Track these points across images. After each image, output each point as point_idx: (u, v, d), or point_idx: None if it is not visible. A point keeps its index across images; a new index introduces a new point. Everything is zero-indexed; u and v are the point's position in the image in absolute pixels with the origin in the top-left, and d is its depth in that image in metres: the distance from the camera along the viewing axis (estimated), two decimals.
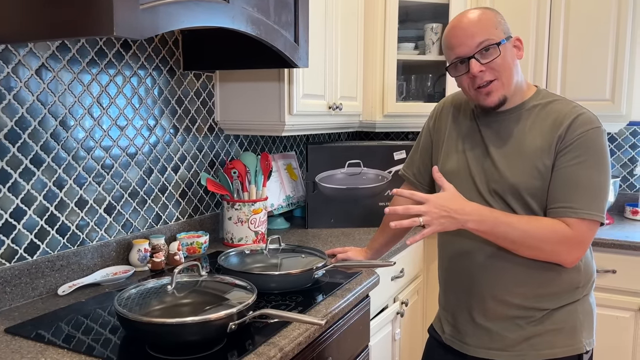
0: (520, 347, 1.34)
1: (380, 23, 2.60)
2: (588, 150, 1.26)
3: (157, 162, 1.89)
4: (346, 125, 2.55)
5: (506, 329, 1.35)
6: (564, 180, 1.26)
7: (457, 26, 1.32)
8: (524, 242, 1.26)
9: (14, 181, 1.43)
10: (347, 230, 2.35)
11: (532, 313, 1.33)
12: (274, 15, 1.57)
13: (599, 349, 2.32)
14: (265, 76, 2.03)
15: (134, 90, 1.78)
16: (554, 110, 1.32)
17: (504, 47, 1.30)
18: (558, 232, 1.24)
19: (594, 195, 1.25)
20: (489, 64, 1.29)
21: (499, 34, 1.30)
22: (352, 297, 1.54)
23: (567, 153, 1.26)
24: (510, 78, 1.32)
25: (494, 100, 1.32)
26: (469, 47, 1.29)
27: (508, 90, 1.32)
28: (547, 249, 1.26)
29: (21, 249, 1.46)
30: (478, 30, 1.29)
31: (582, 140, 1.26)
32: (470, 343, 1.40)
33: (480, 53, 1.29)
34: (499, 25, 1.32)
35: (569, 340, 1.33)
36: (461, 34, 1.30)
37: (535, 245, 1.26)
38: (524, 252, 1.29)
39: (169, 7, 1.13)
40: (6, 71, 1.39)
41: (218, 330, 1.14)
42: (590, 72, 2.50)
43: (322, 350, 1.41)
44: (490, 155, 1.36)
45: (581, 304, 1.35)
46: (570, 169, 1.26)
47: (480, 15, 1.32)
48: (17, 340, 1.22)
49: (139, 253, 1.72)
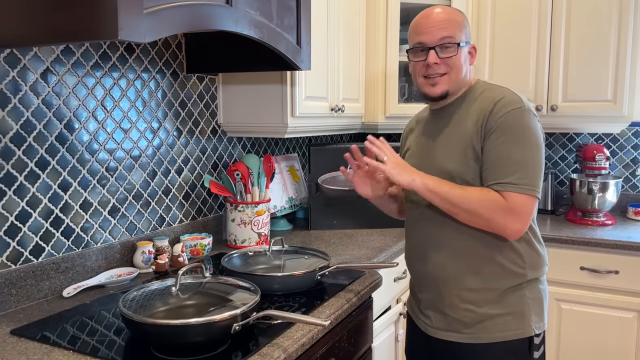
0: (474, 330, 1.43)
1: (382, 25, 2.60)
2: (510, 129, 1.34)
3: (161, 165, 1.91)
4: (348, 126, 2.56)
5: (461, 313, 1.44)
6: (492, 161, 1.35)
7: (429, 16, 1.44)
8: (462, 205, 1.34)
9: (20, 184, 1.44)
10: (349, 232, 2.36)
11: (483, 295, 1.42)
12: (276, 18, 1.58)
13: (601, 349, 2.32)
14: (268, 78, 2.04)
15: (138, 93, 1.79)
16: (483, 97, 1.43)
17: (462, 49, 1.43)
18: (493, 200, 1.33)
19: (519, 170, 1.33)
20: (445, 59, 1.42)
21: (462, 36, 1.43)
22: (355, 298, 1.55)
23: (491, 135, 1.36)
24: (458, 76, 1.44)
25: (436, 92, 1.45)
26: (433, 37, 1.42)
27: (452, 86, 1.45)
28: (485, 215, 1.34)
29: (26, 251, 1.47)
30: (445, 26, 1.41)
31: (503, 120, 1.35)
32: (431, 325, 1.50)
33: (441, 47, 1.41)
34: (464, 29, 1.45)
35: (519, 324, 1.41)
36: (430, 24, 1.43)
37: (473, 209, 1.34)
38: (464, 217, 1.37)
39: (172, 10, 1.14)
40: (12, 75, 1.40)
41: (222, 332, 1.15)
42: (592, 73, 2.51)
43: (325, 351, 1.42)
44: (433, 148, 1.48)
45: (530, 291, 1.43)
46: (495, 150, 1.35)
47: (451, 14, 1.44)
48: (23, 341, 1.23)
49: (143, 255, 1.73)
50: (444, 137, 1.46)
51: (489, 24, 2.69)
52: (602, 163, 2.56)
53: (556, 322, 2.40)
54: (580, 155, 2.64)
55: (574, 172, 2.93)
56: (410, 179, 1.37)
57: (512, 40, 2.65)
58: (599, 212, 2.57)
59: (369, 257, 1.96)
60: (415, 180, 1.37)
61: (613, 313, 2.30)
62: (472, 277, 1.42)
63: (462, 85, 1.47)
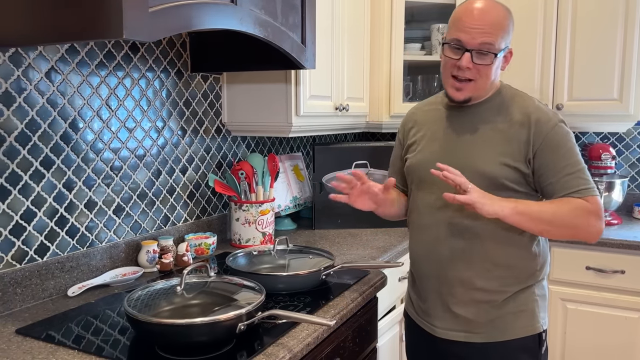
0: (486, 329, 1.42)
1: (387, 24, 2.60)
2: (563, 142, 1.36)
3: (165, 164, 1.90)
4: (353, 126, 2.55)
5: (472, 313, 1.42)
6: (560, 172, 1.35)
7: (476, 14, 1.33)
8: (556, 221, 1.32)
9: (24, 183, 1.44)
10: (354, 231, 2.36)
11: (496, 297, 1.41)
12: (281, 17, 1.58)
13: (607, 349, 2.31)
14: (272, 77, 2.03)
15: (142, 92, 1.79)
16: (516, 106, 1.40)
17: (498, 59, 1.36)
18: (582, 207, 1.33)
19: (585, 176, 1.36)
20: (478, 65, 1.34)
21: (502, 43, 1.35)
22: (360, 298, 1.54)
23: (545, 150, 1.36)
24: (485, 85, 1.39)
25: (459, 97, 1.40)
26: (473, 40, 1.33)
27: (476, 93, 1.40)
28: (580, 224, 1.33)
29: (31, 251, 1.47)
30: (491, 31, 1.32)
31: (553, 135, 1.36)
32: (439, 326, 1.47)
33: (478, 52, 1.33)
34: (507, 35, 1.36)
35: (530, 321, 1.42)
36: (474, 24, 1.32)
37: (567, 221, 1.32)
38: (556, 232, 1.36)
39: (177, 9, 1.14)
40: (16, 74, 1.40)
41: (227, 331, 1.15)
42: (598, 71, 2.49)
43: (330, 351, 1.41)
44: (462, 147, 1.42)
45: (538, 288, 1.45)
46: (559, 162, 1.35)
47: (499, 16, 1.34)
48: (28, 341, 1.23)
49: (148, 254, 1.73)
50: (475, 139, 1.40)
51: None
52: (608, 162, 2.55)
53: (562, 322, 2.39)
54: (586, 154, 2.63)
55: None
56: (499, 208, 1.29)
57: (517, 39, 2.63)
58: (605, 211, 2.56)
59: (374, 256, 1.95)
60: (504, 210, 1.29)
61: (619, 313, 2.29)
62: (487, 280, 1.40)
63: (489, 89, 1.42)
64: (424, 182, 1.47)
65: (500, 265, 1.40)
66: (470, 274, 1.41)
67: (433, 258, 1.46)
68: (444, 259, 1.44)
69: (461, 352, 1.45)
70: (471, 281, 1.41)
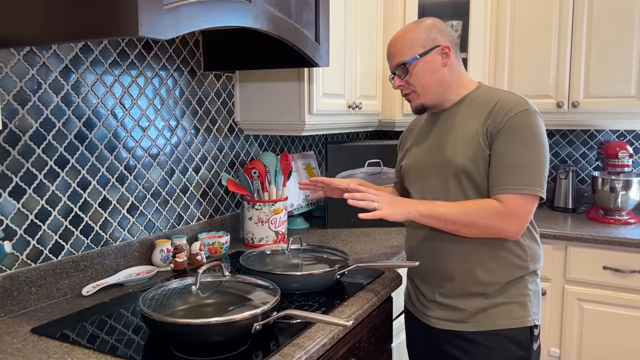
0: (477, 318, 1.46)
1: (400, 21, 2.58)
2: (517, 131, 1.36)
3: (179, 163, 1.90)
4: (365, 124, 2.53)
5: (465, 303, 1.47)
6: (496, 163, 1.38)
7: (388, 46, 1.53)
8: (461, 221, 1.38)
9: (39, 182, 1.44)
10: (367, 230, 2.34)
11: (486, 288, 1.45)
12: (295, 14, 1.57)
13: (624, 351, 2.27)
14: (285, 76, 2.02)
15: (156, 91, 1.78)
16: (486, 98, 1.46)
17: (415, 64, 1.46)
18: (489, 208, 1.37)
19: (524, 172, 1.35)
20: (405, 79, 1.49)
21: (409, 53, 1.47)
22: (375, 298, 1.53)
23: (499, 138, 1.38)
24: (427, 89, 1.48)
25: (413, 107, 1.54)
26: (391, 64, 1.52)
27: (426, 99, 1.50)
28: (482, 224, 1.37)
29: (46, 250, 1.48)
30: (395, 52, 1.49)
31: (511, 122, 1.37)
32: (433, 316, 1.53)
33: (398, 72, 1.50)
34: (414, 44, 1.46)
35: (522, 313, 1.46)
36: (388, 53, 1.53)
37: (472, 221, 1.38)
38: (465, 231, 1.40)
39: (192, 7, 1.13)
40: (31, 73, 1.40)
41: (243, 331, 1.14)
42: (615, 68, 2.45)
43: (345, 351, 1.40)
44: (440, 145, 1.50)
45: (531, 283, 1.49)
46: (500, 152, 1.37)
47: (403, 34, 1.49)
48: (44, 340, 1.23)
49: (162, 253, 1.73)
50: (450, 136, 1.48)
51: (509, 19, 2.65)
52: (625, 160, 2.51)
53: (578, 323, 2.36)
54: (603, 152, 2.59)
55: (596, 170, 2.88)
56: (406, 212, 1.39)
57: (533, 36, 2.60)
58: (622, 210, 2.52)
59: (388, 255, 1.93)
60: (410, 212, 1.39)
61: (637, 314, 2.25)
62: (479, 271, 1.45)
63: (449, 88, 1.49)
64: (411, 183, 1.59)
65: (488, 258, 1.44)
66: (460, 267, 1.46)
67: (424, 252, 1.54)
68: (435, 253, 1.51)
69: (454, 340, 1.50)
70: (461, 273, 1.46)
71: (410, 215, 1.39)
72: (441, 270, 1.50)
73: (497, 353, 1.45)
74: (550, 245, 2.38)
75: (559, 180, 2.83)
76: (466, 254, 1.45)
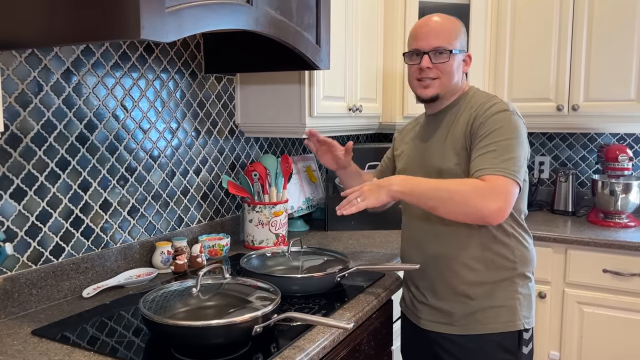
0: (466, 321, 1.48)
1: (401, 24, 2.58)
2: (496, 124, 1.39)
3: (180, 165, 1.90)
4: (366, 127, 2.54)
5: (454, 307, 1.49)
6: (476, 152, 1.40)
7: (427, 24, 1.52)
8: (440, 196, 1.35)
9: (40, 184, 1.45)
10: (367, 233, 2.34)
11: (476, 289, 1.47)
12: (296, 17, 1.57)
13: (624, 354, 2.27)
14: (286, 78, 2.02)
15: (157, 93, 1.79)
16: (473, 102, 1.49)
17: (454, 56, 1.49)
18: (470, 183, 1.35)
19: (504, 159, 1.35)
20: (437, 64, 1.49)
21: (456, 44, 1.50)
22: (375, 300, 1.53)
23: (479, 132, 1.41)
24: (449, 81, 1.51)
25: (427, 94, 1.52)
26: (428, 44, 1.49)
27: (443, 90, 1.52)
28: (462, 200, 1.33)
29: (47, 252, 1.48)
30: (441, 35, 1.49)
31: (489, 119, 1.40)
32: (424, 318, 1.56)
33: (434, 53, 1.49)
34: (459, 38, 1.51)
35: (510, 317, 1.46)
36: (427, 31, 1.50)
37: (450, 197, 1.34)
38: (444, 210, 1.36)
39: (194, 10, 1.13)
40: (32, 75, 1.41)
41: (243, 333, 1.14)
42: (615, 72, 2.46)
43: (346, 354, 1.40)
44: (427, 149, 1.55)
45: (521, 287, 1.49)
46: (481, 145, 1.39)
47: (448, 23, 1.51)
48: (44, 342, 1.23)
49: (162, 255, 1.73)
50: (436, 140, 1.52)
51: (509, 22, 2.65)
52: (625, 164, 2.51)
53: (578, 326, 2.36)
54: (602, 155, 2.59)
55: (595, 173, 2.88)
56: (387, 194, 1.38)
57: (533, 38, 2.61)
58: (622, 213, 2.53)
59: (388, 258, 1.93)
60: (390, 192, 1.39)
61: (637, 317, 2.25)
62: (465, 271, 1.47)
63: (455, 91, 1.54)
64: None
65: (473, 258, 1.46)
66: (446, 267, 1.49)
67: (416, 255, 1.57)
68: (425, 256, 1.53)
69: (443, 343, 1.51)
70: (447, 274, 1.49)
71: (392, 194, 1.39)
72: (429, 271, 1.53)
73: (484, 357, 1.46)
74: (550, 248, 2.38)
75: (559, 184, 2.83)
76: (451, 254, 1.48)
